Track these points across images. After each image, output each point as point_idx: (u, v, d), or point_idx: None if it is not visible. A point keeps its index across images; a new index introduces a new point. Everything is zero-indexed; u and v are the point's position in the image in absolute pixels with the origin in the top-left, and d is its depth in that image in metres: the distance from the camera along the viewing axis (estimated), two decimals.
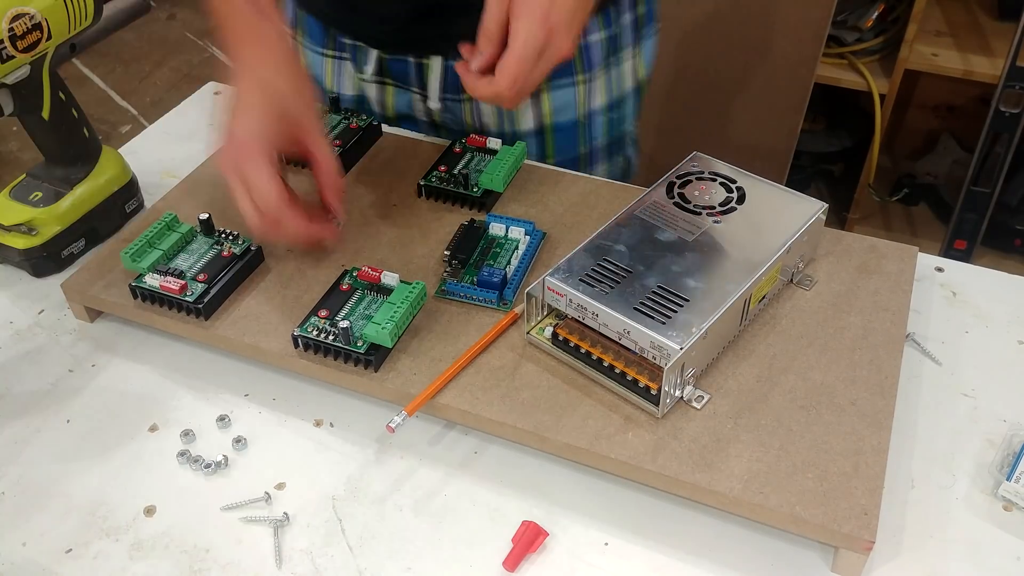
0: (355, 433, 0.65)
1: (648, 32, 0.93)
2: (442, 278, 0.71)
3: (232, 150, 0.67)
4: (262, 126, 0.67)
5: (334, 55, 0.94)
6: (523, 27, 0.66)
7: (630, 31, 0.90)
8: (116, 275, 0.72)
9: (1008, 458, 0.62)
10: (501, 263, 0.71)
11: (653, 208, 0.69)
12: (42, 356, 0.71)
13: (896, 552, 0.57)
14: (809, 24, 1.56)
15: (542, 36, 0.66)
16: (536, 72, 0.67)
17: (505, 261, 0.71)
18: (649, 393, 0.60)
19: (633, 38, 0.90)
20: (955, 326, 0.71)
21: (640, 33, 0.91)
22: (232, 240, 0.72)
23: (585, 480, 0.61)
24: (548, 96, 0.88)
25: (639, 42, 0.91)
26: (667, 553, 0.57)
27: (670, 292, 0.62)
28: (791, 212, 0.69)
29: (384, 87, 0.93)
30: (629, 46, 0.90)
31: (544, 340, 0.65)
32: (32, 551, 0.58)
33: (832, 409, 0.61)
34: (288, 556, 0.57)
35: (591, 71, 0.88)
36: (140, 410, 0.67)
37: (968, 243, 1.86)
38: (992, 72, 1.70)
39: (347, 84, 0.95)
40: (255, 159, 0.66)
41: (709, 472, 0.57)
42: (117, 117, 2.51)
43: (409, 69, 0.89)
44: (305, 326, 0.65)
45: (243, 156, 0.66)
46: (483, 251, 0.72)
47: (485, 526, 0.59)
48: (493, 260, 0.71)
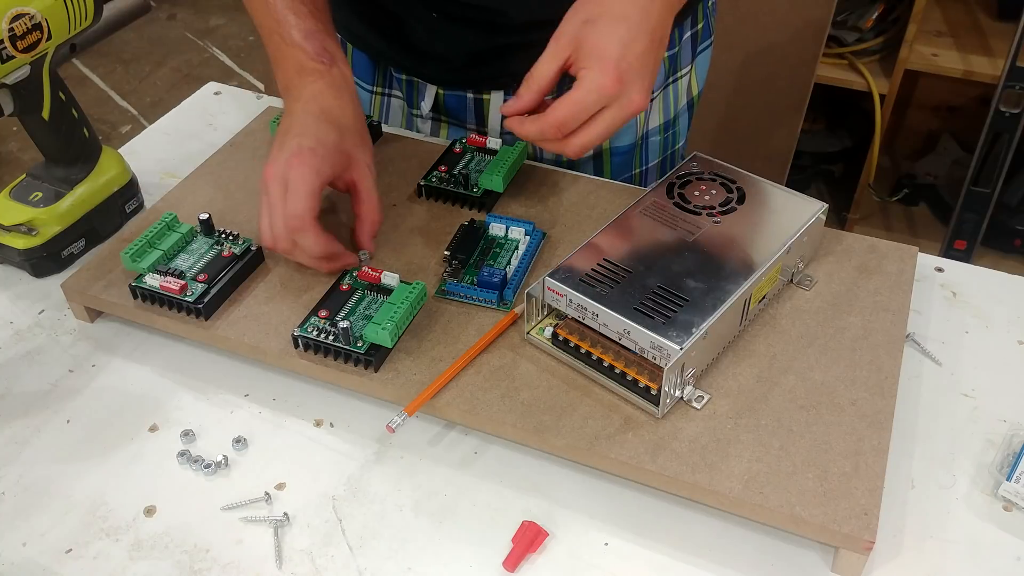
0: (355, 433, 0.65)
1: (704, 47, 0.90)
2: (442, 278, 0.71)
3: (284, 159, 0.67)
4: (318, 146, 0.68)
5: (382, 92, 0.93)
6: (590, 76, 0.61)
7: (689, 48, 0.87)
8: (116, 275, 0.72)
9: (1008, 458, 0.62)
10: (501, 263, 0.71)
11: (653, 208, 0.69)
12: (42, 356, 0.71)
13: (896, 552, 0.57)
14: (809, 24, 1.56)
15: (610, 86, 0.61)
16: (601, 126, 0.63)
17: (505, 261, 0.71)
18: (649, 393, 0.60)
19: (691, 55, 0.88)
20: (955, 326, 0.71)
21: (696, 49, 0.89)
22: (232, 240, 0.72)
23: (585, 480, 0.61)
24: None
25: (694, 57, 0.89)
26: (667, 553, 0.57)
27: (670, 292, 0.62)
28: (791, 212, 0.69)
29: (438, 123, 0.92)
30: (688, 64, 0.88)
31: (544, 340, 0.65)
32: (32, 551, 0.58)
33: (832, 409, 0.61)
34: (288, 556, 0.57)
35: (651, 93, 0.84)
36: (140, 410, 0.67)
37: (968, 243, 1.86)
38: (992, 72, 1.70)
39: (395, 121, 0.94)
40: (302, 169, 0.67)
41: (709, 472, 0.57)
42: (117, 117, 2.51)
43: (467, 104, 0.88)
44: (305, 326, 0.65)
45: (293, 164, 0.67)
46: (483, 251, 0.72)
47: (485, 526, 0.59)
48: (493, 260, 0.71)
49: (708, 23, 0.89)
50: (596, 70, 0.61)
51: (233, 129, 0.90)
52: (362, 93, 0.93)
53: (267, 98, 0.99)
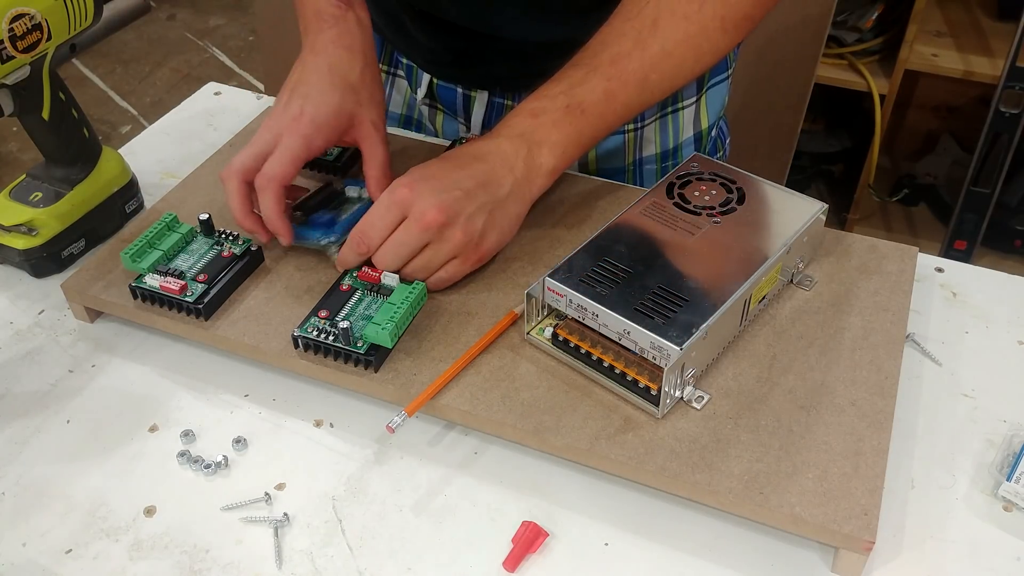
0: (355, 433, 0.65)
1: (718, 79, 0.85)
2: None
3: (286, 119, 0.68)
4: (317, 113, 0.68)
5: (387, 70, 0.93)
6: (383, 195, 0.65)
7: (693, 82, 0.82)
8: (116, 275, 0.72)
9: (1008, 458, 0.62)
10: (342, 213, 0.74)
11: (653, 208, 0.69)
12: (42, 356, 0.71)
13: (896, 552, 0.57)
14: (809, 24, 1.56)
15: (399, 193, 0.64)
16: (426, 267, 0.66)
17: (347, 212, 0.74)
18: (649, 393, 0.60)
19: (696, 86, 0.84)
20: (955, 326, 0.71)
21: (705, 80, 0.84)
22: (232, 240, 0.72)
23: (585, 480, 0.61)
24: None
25: (703, 89, 0.84)
26: (667, 553, 0.57)
27: (670, 292, 0.62)
28: (791, 212, 0.69)
29: (435, 111, 0.92)
30: (692, 95, 0.84)
31: (544, 340, 0.65)
32: (32, 551, 0.58)
33: (832, 409, 0.61)
34: (288, 556, 0.57)
35: (641, 120, 0.82)
36: (140, 410, 0.67)
37: (968, 243, 1.86)
38: (992, 72, 1.70)
39: (397, 102, 0.94)
40: (296, 137, 0.68)
41: (709, 472, 0.57)
42: (117, 117, 2.51)
43: (456, 98, 0.88)
44: (305, 326, 0.65)
45: (289, 128, 0.68)
46: (332, 208, 0.75)
47: (485, 526, 0.59)
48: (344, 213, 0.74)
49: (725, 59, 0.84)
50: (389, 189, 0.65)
51: (233, 129, 0.90)
52: None
53: (267, 98, 0.99)
